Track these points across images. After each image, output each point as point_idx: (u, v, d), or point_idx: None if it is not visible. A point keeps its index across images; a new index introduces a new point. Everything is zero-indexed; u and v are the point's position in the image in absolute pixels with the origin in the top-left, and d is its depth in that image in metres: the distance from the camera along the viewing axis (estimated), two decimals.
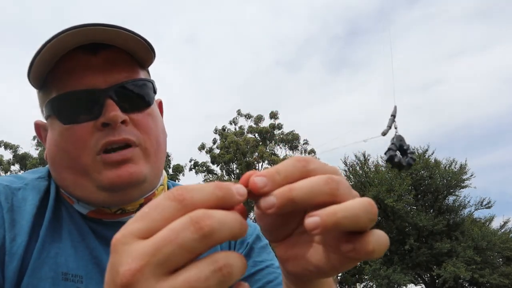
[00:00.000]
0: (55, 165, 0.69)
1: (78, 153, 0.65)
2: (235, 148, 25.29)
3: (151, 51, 0.71)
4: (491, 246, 18.52)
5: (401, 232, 19.82)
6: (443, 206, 20.66)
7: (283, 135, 27.47)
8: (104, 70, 0.66)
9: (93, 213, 0.69)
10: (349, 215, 0.35)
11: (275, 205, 0.34)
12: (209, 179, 26.12)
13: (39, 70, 0.66)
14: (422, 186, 20.87)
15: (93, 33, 0.64)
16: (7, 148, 25.45)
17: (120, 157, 0.64)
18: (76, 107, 0.65)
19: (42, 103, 0.71)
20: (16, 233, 0.61)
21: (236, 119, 28.28)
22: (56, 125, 0.67)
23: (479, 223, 20.64)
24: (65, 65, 0.66)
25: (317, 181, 0.36)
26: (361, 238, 0.36)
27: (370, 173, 21.05)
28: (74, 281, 0.62)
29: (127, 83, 0.67)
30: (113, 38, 0.66)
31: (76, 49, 0.65)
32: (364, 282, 21.32)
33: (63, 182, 0.69)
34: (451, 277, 17.29)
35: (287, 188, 0.35)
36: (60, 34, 0.62)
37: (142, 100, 0.70)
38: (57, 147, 0.67)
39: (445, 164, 20.87)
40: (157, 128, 0.71)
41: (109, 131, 0.64)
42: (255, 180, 0.35)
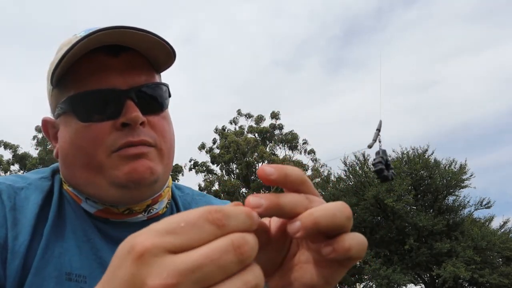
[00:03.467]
0: (67, 163, 0.69)
1: (95, 150, 0.65)
2: (235, 148, 25.28)
3: (173, 56, 0.72)
4: (490, 246, 18.51)
5: (401, 232, 19.81)
6: (443, 206, 20.65)
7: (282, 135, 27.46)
8: (125, 72, 0.68)
9: (101, 212, 0.69)
10: (325, 214, 0.37)
11: (263, 205, 0.36)
12: (209, 179, 26.09)
13: (60, 68, 0.66)
14: (422, 186, 20.87)
15: (118, 35, 0.65)
16: (7, 148, 25.43)
17: (137, 151, 0.65)
18: (96, 106, 0.66)
19: (56, 100, 0.71)
20: (19, 232, 0.61)
21: (237, 119, 28.27)
22: (73, 122, 0.67)
23: (479, 223, 20.63)
24: (86, 65, 0.67)
25: (334, 205, 0.38)
26: (337, 238, 0.39)
27: (370, 173, 21.03)
28: (78, 281, 0.62)
29: (147, 86, 0.69)
30: (137, 42, 0.67)
31: (97, 49, 0.66)
32: (364, 282, 21.33)
33: (75, 180, 0.69)
34: (450, 277, 17.29)
35: (275, 195, 0.37)
36: (90, 35, 0.62)
37: (159, 103, 0.72)
38: (71, 144, 0.67)
39: (445, 164, 20.89)
40: (170, 131, 0.73)
41: (128, 131, 0.65)
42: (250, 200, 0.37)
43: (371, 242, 19.62)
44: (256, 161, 25.32)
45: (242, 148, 25.17)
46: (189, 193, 0.88)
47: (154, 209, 0.73)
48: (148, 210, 0.72)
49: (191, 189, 0.90)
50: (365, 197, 19.69)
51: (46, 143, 26.71)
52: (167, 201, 0.78)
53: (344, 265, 0.41)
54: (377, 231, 19.95)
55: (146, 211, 0.72)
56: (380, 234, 19.74)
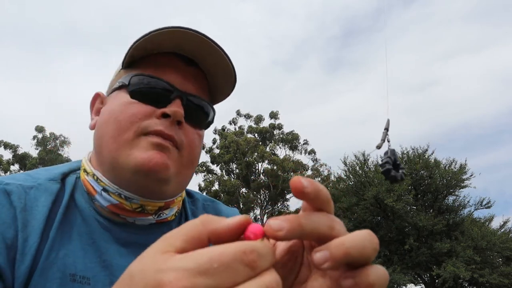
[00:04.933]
0: (101, 132, 0.72)
1: (127, 126, 0.68)
2: (235, 148, 25.27)
3: (231, 89, 0.79)
4: (490, 246, 18.51)
5: (401, 232, 19.81)
6: (442, 206, 20.65)
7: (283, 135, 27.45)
8: (186, 79, 0.73)
9: (113, 206, 0.70)
10: (355, 245, 0.35)
11: (284, 229, 0.34)
12: (209, 179, 26.07)
13: (136, 53, 0.72)
14: (422, 186, 20.86)
15: (198, 42, 0.71)
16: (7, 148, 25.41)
17: (163, 142, 0.67)
18: (149, 90, 0.70)
19: (119, 77, 0.76)
20: (29, 234, 0.62)
21: (236, 119, 28.26)
22: (122, 96, 0.72)
23: (479, 223, 20.62)
24: (157, 59, 0.73)
25: (364, 235, 0.36)
26: (361, 271, 0.36)
27: (369, 173, 21.02)
28: (82, 282, 0.62)
29: (198, 98, 0.74)
30: (209, 59, 0.73)
31: (172, 53, 0.73)
32: None
33: (101, 150, 0.71)
34: (450, 277, 17.29)
35: (297, 217, 0.36)
36: (171, 28, 0.69)
37: (201, 120, 0.76)
38: (111, 115, 0.71)
39: (445, 164, 20.87)
40: (198, 150, 0.76)
41: (165, 122, 0.68)
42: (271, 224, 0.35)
43: None
44: (256, 161, 25.31)
45: (242, 148, 25.15)
46: (198, 199, 0.89)
47: (164, 214, 0.75)
48: (158, 213, 0.73)
49: (200, 194, 0.92)
50: (365, 197, 19.68)
51: (46, 143, 26.70)
52: (177, 210, 0.79)
53: None
54: (377, 231, 19.94)
55: (157, 214, 0.73)
56: (380, 234, 19.72)
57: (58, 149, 26.78)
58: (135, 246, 0.70)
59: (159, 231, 0.74)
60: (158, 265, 0.30)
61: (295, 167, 24.96)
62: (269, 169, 25.03)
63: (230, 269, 0.29)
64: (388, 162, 1.07)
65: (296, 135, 27.15)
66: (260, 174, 25.90)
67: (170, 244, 0.32)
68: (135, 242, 0.70)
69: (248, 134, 27.22)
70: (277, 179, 24.69)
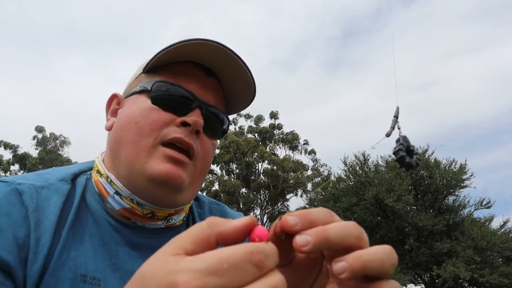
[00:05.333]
0: (119, 135, 0.72)
1: (147, 133, 0.69)
2: (235, 148, 25.26)
3: (250, 102, 0.81)
4: (490, 246, 18.50)
5: (401, 232, 19.81)
6: (443, 206, 20.64)
7: (283, 135, 27.44)
8: (205, 89, 0.74)
9: (124, 210, 0.70)
10: (374, 258, 0.36)
11: (310, 243, 0.35)
12: (208, 179, 26.06)
13: (158, 60, 0.73)
14: (422, 186, 20.85)
15: (223, 64, 0.73)
16: (7, 148, 25.41)
17: (177, 156, 0.69)
18: (171, 98, 0.72)
19: (139, 81, 0.77)
20: (41, 234, 0.62)
21: (236, 119, 28.25)
22: (143, 101, 0.73)
23: (479, 223, 20.60)
24: (179, 67, 0.74)
25: (347, 224, 0.38)
26: (376, 284, 0.37)
27: (370, 173, 21.02)
28: (92, 283, 0.63)
29: (217, 110, 0.76)
30: (228, 70, 0.75)
31: (193, 63, 0.74)
32: None
33: (117, 154, 0.72)
34: (450, 277, 17.27)
35: (322, 228, 0.37)
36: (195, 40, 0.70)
37: (217, 131, 0.78)
38: (131, 119, 0.71)
39: (445, 164, 20.86)
40: (210, 159, 0.78)
41: (184, 131, 0.70)
42: (288, 219, 0.37)
43: (371, 242, 19.32)
44: (256, 161, 25.30)
45: (242, 148, 25.14)
46: (205, 202, 0.90)
47: (173, 219, 0.76)
48: (167, 219, 0.75)
49: (206, 197, 0.93)
50: (365, 197, 19.67)
51: (46, 143, 26.70)
52: (185, 215, 0.80)
53: None
54: (377, 231, 19.94)
55: (166, 219, 0.74)
56: (380, 234, 19.72)
57: (58, 149, 26.78)
58: (145, 249, 0.71)
59: (168, 235, 0.74)
60: (170, 266, 0.31)
61: (295, 167, 24.95)
62: (269, 169, 25.02)
63: (239, 269, 0.31)
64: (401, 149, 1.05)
65: (296, 135, 27.15)
66: (260, 174, 25.90)
67: (180, 246, 0.33)
68: (145, 245, 0.71)
69: (248, 134, 27.21)
70: (277, 179, 24.68)
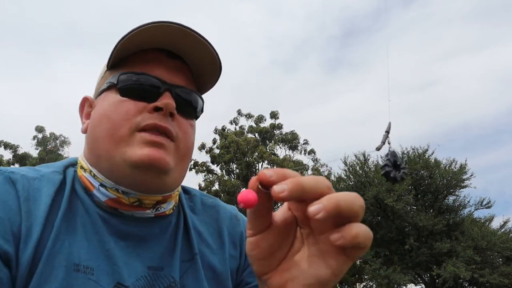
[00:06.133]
0: (94, 133, 0.73)
1: (121, 124, 0.69)
2: (235, 148, 25.26)
3: (217, 77, 0.80)
4: (491, 246, 18.51)
5: (401, 232, 19.80)
6: (443, 206, 20.64)
7: (282, 135, 27.45)
8: (171, 71, 0.74)
9: (111, 201, 0.70)
10: (345, 198, 0.40)
11: (286, 190, 0.40)
12: (209, 179, 26.07)
13: (121, 53, 0.73)
14: (422, 186, 20.86)
15: (180, 35, 0.71)
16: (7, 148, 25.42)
17: (157, 139, 0.68)
18: (139, 87, 0.72)
19: (105, 79, 0.77)
20: (32, 223, 0.62)
21: (237, 119, 28.25)
22: (112, 96, 0.73)
23: (479, 223, 20.61)
24: (141, 56, 0.74)
25: (319, 177, 0.42)
26: (346, 226, 0.41)
27: (370, 173, 21.03)
28: (85, 272, 0.63)
29: (186, 89, 0.75)
30: (192, 50, 0.74)
31: (154, 49, 0.74)
32: (364, 282, 21.32)
33: (95, 151, 0.72)
34: (451, 277, 17.28)
35: (296, 178, 0.41)
36: (151, 24, 0.69)
37: (192, 110, 0.77)
38: (103, 115, 0.72)
39: (445, 164, 20.87)
40: (192, 140, 0.78)
41: (158, 116, 0.69)
42: (264, 172, 0.42)
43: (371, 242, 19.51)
44: (256, 161, 25.31)
45: (242, 148, 25.15)
46: (196, 195, 0.89)
47: (162, 208, 0.75)
48: (156, 207, 0.74)
49: (198, 190, 0.92)
50: (365, 197, 19.66)
51: (46, 143, 26.72)
52: (175, 204, 0.79)
53: (350, 256, 0.43)
54: (377, 231, 19.94)
55: (155, 208, 0.73)
56: (380, 234, 19.72)
57: (58, 149, 26.80)
58: (134, 238, 0.70)
59: (157, 225, 0.74)
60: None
61: (295, 167, 24.96)
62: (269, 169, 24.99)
63: None
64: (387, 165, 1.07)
65: (296, 135, 27.16)
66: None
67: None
68: (134, 234, 0.71)
69: (249, 134, 27.21)
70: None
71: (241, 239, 0.84)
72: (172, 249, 0.73)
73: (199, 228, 0.80)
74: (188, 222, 0.79)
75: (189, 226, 0.78)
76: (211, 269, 0.76)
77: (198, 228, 0.80)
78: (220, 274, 0.77)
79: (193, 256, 0.75)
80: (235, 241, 0.84)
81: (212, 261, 0.77)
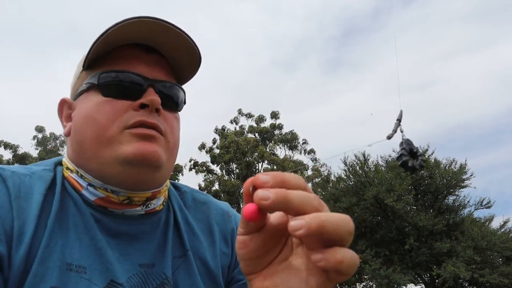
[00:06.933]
0: (79, 136, 0.72)
1: (108, 124, 0.68)
2: (235, 148, 25.25)
3: (197, 66, 0.79)
4: (491, 246, 18.49)
5: (401, 232, 19.80)
6: (443, 206, 20.63)
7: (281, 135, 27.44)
8: (151, 66, 0.73)
9: (100, 200, 0.70)
10: (332, 221, 0.38)
11: (270, 198, 0.38)
12: (209, 179, 26.07)
13: (95, 52, 0.71)
14: (422, 186, 20.84)
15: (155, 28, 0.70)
16: (7, 148, 25.41)
17: (148, 132, 0.69)
18: (120, 85, 0.70)
19: (83, 79, 0.75)
20: (24, 221, 0.61)
21: (237, 118, 28.23)
22: (94, 96, 0.71)
23: (479, 223, 20.59)
24: (118, 53, 0.72)
25: (310, 194, 0.40)
26: (332, 249, 0.39)
27: (370, 173, 21.01)
28: (78, 271, 0.62)
29: (168, 83, 0.75)
30: (168, 42, 0.73)
31: (129, 45, 0.73)
32: (364, 282, 21.31)
33: (82, 154, 0.71)
34: (451, 277, 17.27)
35: (284, 190, 0.39)
36: (126, 20, 0.68)
37: (175, 103, 0.77)
38: (87, 117, 0.70)
39: (445, 164, 20.85)
40: (178, 132, 0.78)
41: (144, 113, 0.69)
42: (259, 177, 0.40)
43: (371, 242, 19.57)
44: (256, 161, 25.30)
45: (242, 148, 25.14)
46: (186, 191, 0.88)
47: (152, 204, 0.74)
48: (146, 204, 0.73)
49: (188, 186, 0.91)
50: (365, 197, 19.66)
51: (46, 143, 26.72)
52: (164, 199, 0.79)
53: (332, 279, 0.42)
54: (377, 231, 19.93)
55: (145, 204, 0.73)
56: (380, 234, 19.72)
57: (58, 149, 26.79)
58: (125, 236, 0.70)
59: (149, 221, 0.74)
60: None
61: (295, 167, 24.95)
62: (269, 169, 25.01)
63: None
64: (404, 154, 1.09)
65: (296, 135, 27.16)
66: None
67: None
68: (125, 233, 0.70)
69: (249, 134, 27.20)
70: None
71: (232, 235, 0.84)
72: (163, 246, 0.73)
73: (191, 224, 0.80)
74: (178, 218, 0.78)
75: (179, 222, 0.78)
76: (203, 265, 0.76)
77: (189, 224, 0.80)
78: (212, 270, 0.77)
79: (185, 252, 0.75)
80: (226, 237, 0.83)
81: (204, 257, 0.77)
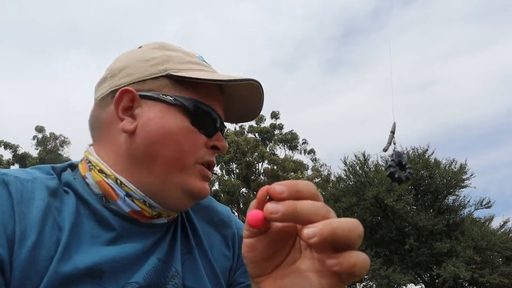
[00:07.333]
0: (153, 148, 0.70)
1: (189, 153, 0.71)
2: (235, 148, 25.25)
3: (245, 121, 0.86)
4: (491, 246, 18.50)
5: (401, 232, 19.81)
6: (443, 206, 20.64)
7: (281, 135, 27.46)
8: (222, 108, 0.79)
9: (134, 212, 0.71)
10: (342, 226, 0.40)
11: (280, 212, 0.40)
12: None
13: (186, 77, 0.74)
14: (422, 186, 20.85)
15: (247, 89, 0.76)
16: (7, 148, 25.41)
17: (210, 176, 0.76)
18: (206, 120, 0.74)
19: (161, 85, 0.73)
20: (26, 226, 0.61)
21: None
22: (179, 118, 0.72)
23: (479, 223, 20.60)
24: (205, 85, 0.75)
25: (317, 203, 0.42)
26: (345, 253, 0.40)
27: (370, 172, 21.02)
28: (94, 276, 0.62)
29: (225, 129, 0.81)
30: (244, 102, 0.80)
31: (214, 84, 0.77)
32: (364, 282, 21.32)
33: (143, 165, 0.71)
34: (451, 277, 17.27)
35: (293, 201, 0.41)
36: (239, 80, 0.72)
37: None
38: (169, 136, 0.70)
39: (445, 164, 20.85)
40: None
41: (212, 153, 0.75)
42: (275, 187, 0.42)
43: (371, 242, 19.57)
44: (256, 161, 25.30)
45: (242, 148, 25.14)
46: None
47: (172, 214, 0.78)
48: None
49: None
50: (365, 197, 19.67)
51: (46, 143, 26.70)
52: None
53: (344, 281, 0.43)
54: (377, 231, 19.94)
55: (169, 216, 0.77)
56: (380, 234, 19.73)
57: (58, 149, 26.78)
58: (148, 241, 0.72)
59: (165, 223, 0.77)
60: None
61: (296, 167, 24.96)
62: (269, 169, 25.03)
63: None
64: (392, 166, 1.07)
65: (296, 135, 27.16)
66: (260, 174, 25.91)
67: None
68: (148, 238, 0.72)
69: (249, 134, 27.20)
70: (277, 179, 24.67)
71: (233, 239, 0.86)
72: (174, 242, 0.76)
73: (195, 225, 0.82)
74: (184, 218, 0.82)
75: (185, 222, 0.81)
76: (208, 263, 0.78)
77: (194, 225, 0.82)
78: (215, 269, 0.79)
79: (191, 250, 0.77)
80: (227, 241, 0.85)
81: (208, 256, 0.79)
